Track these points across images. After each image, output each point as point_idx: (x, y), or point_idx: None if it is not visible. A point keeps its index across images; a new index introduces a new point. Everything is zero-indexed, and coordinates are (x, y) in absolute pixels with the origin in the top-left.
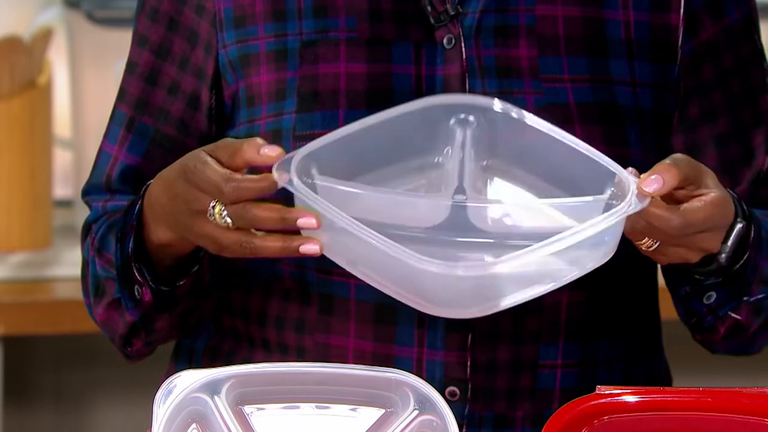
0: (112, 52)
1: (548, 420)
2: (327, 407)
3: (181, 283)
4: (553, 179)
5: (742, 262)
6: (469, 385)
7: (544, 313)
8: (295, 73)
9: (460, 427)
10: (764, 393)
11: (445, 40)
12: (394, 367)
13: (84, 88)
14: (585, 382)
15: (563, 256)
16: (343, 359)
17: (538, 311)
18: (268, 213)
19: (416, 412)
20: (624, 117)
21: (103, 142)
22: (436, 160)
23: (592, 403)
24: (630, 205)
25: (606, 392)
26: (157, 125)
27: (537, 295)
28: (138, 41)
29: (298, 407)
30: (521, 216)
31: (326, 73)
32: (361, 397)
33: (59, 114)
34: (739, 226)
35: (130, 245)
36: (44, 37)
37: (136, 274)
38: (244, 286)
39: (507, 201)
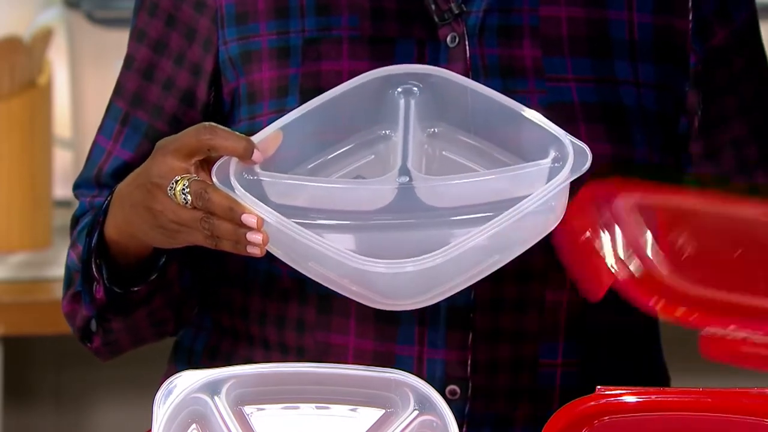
0: (112, 52)
1: (548, 420)
2: (327, 407)
3: (136, 289)
4: (499, 142)
5: None
6: (470, 384)
7: (544, 312)
8: (298, 70)
9: (461, 426)
10: (764, 393)
11: (448, 39)
12: (394, 366)
13: (84, 88)
14: (585, 382)
15: (510, 230)
16: (343, 358)
17: (539, 311)
18: (221, 200)
19: (416, 412)
20: (628, 117)
21: (97, 135)
22: (382, 132)
23: (592, 403)
24: (569, 171)
25: (606, 392)
26: (150, 121)
27: (487, 272)
28: (136, 36)
29: (298, 407)
30: (467, 189)
31: (329, 70)
32: (361, 397)
33: (59, 114)
34: None
35: (94, 240)
36: (44, 37)
37: (94, 269)
38: (242, 286)
39: (450, 176)
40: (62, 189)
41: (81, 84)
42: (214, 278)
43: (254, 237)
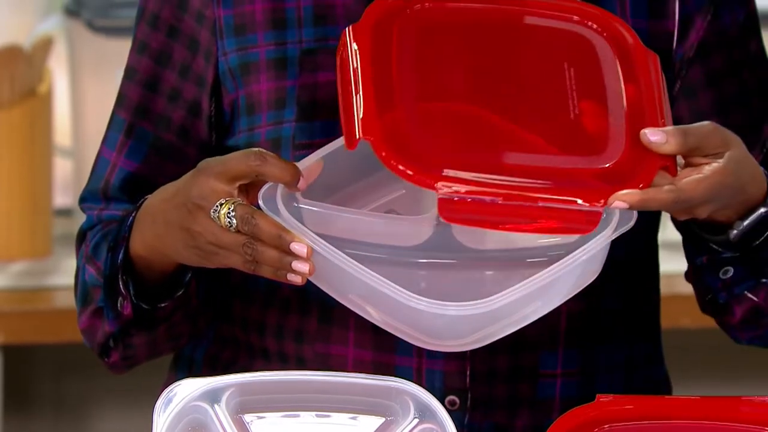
0: (113, 60)
1: (548, 429)
2: (327, 416)
3: (163, 305)
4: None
5: (761, 240)
6: (469, 395)
7: (543, 321)
8: (295, 81)
9: None
10: (764, 402)
11: None
12: (394, 376)
13: (84, 97)
14: (585, 391)
15: (553, 282)
16: (343, 368)
17: (538, 320)
18: (269, 227)
19: (416, 420)
20: None
21: (101, 148)
22: None
23: (593, 411)
24: (615, 227)
25: (606, 401)
26: (156, 132)
27: (526, 320)
28: (138, 48)
29: (298, 416)
30: (507, 233)
31: (326, 81)
32: (361, 405)
33: (59, 123)
34: (761, 210)
35: (120, 256)
36: (44, 45)
37: (121, 286)
38: (243, 295)
39: None
40: (62, 198)
41: (81, 92)
42: (215, 288)
43: (301, 266)
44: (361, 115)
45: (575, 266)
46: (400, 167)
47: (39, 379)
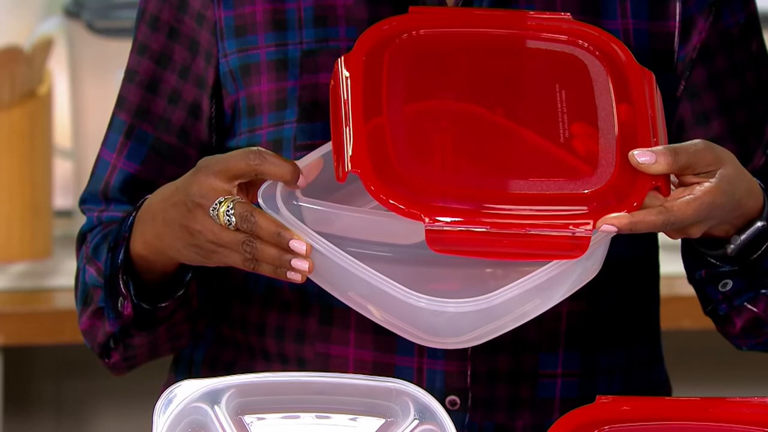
0: (113, 62)
1: (548, 430)
2: (327, 417)
3: (163, 305)
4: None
5: (759, 252)
6: (470, 395)
7: (544, 322)
8: (296, 82)
9: None
10: (764, 403)
11: None
12: (394, 377)
13: (84, 98)
14: (585, 392)
15: (554, 277)
16: (343, 369)
17: (538, 321)
18: (268, 224)
19: (416, 421)
20: None
21: (101, 149)
22: None
23: (593, 412)
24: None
25: (606, 402)
26: (156, 133)
27: (527, 317)
28: (138, 49)
29: (298, 417)
30: None
31: (327, 82)
32: (361, 406)
33: (59, 124)
34: (758, 224)
35: (120, 256)
36: (45, 47)
37: (122, 286)
38: (242, 296)
39: None
40: (62, 199)
41: (81, 94)
42: (214, 288)
43: (300, 264)
44: (350, 148)
45: (575, 263)
46: (391, 201)
47: (39, 380)
